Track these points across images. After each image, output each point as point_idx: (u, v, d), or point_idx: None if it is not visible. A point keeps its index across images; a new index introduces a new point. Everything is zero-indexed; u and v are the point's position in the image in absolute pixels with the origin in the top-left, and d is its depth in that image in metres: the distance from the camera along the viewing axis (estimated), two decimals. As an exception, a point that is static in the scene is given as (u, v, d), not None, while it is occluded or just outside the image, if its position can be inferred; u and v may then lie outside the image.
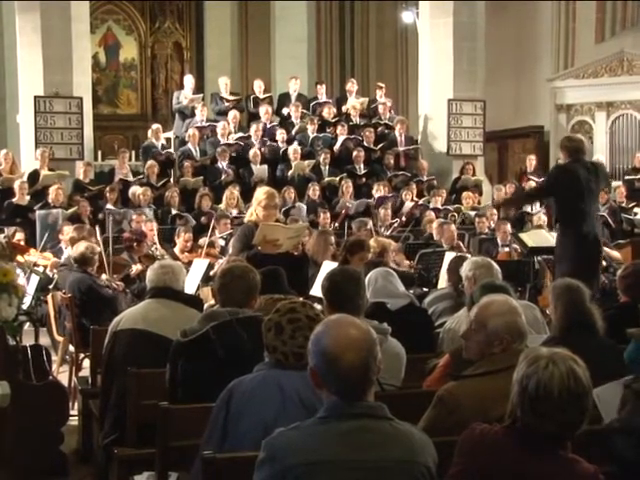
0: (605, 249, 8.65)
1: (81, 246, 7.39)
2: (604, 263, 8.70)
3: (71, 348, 7.11)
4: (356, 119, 14.74)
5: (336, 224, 11.77)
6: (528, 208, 13.11)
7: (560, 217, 7.56)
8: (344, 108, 14.93)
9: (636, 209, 12.72)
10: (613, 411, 3.40)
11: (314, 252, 7.58)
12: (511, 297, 3.89)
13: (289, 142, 13.76)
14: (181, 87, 15.23)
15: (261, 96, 14.65)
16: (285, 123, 14.42)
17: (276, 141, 13.86)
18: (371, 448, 2.49)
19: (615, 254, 9.70)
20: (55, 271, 8.72)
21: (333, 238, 8.10)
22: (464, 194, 13.42)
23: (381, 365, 2.58)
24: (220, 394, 3.18)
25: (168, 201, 12.14)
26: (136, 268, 8.42)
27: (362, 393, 2.53)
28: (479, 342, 3.39)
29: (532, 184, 13.05)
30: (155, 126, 14.15)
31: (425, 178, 13.92)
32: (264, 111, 14.12)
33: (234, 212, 11.58)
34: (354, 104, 14.79)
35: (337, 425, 2.50)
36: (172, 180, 13.18)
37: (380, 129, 14.61)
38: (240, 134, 13.87)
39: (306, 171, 13.24)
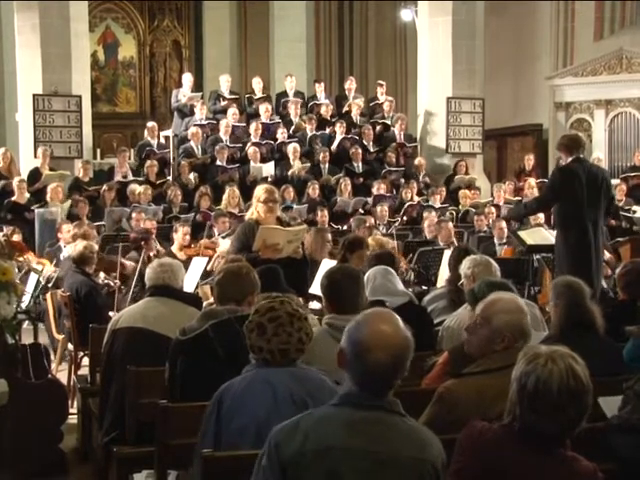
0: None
1: (80, 245, 7.39)
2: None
3: (70, 346, 7.11)
4: (357, 118, 14.73)
5: (343, 227, 11.74)
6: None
7: (560, 221, 7.54)
8: (346, 106, 14.90)
9: (635, 207, 12.71)
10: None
11: (311, 250, 7.58)
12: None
13: (289, 140, 13.77)
14: (180, 85, 15.21)
15: (257, 95, 14.63)
16: (284, 121, 14.41)
17: (276, 139, 13.86)
18: (381, 440, 2.49)
19: (607, 255, 9.66)
20: (53, 274, 8.65)
21: (330, 235, 8.10)
22: (460, 192, 13.40)
23: (406, 372, 2.59)
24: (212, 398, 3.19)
25: (170, 199, 12.13)
26: (129, 264, 8.40)
27: (384, 390, 2.55)
28: (482, 337, 3.39)
29: (531, 182, 13.03)
30: (150, 124, 14.12)
31: (423, 176, 13.91)
32: (264, 109, 14.11)
33: (234, 212, 11.56)
34: (358, 102, 14.78)
35: (349, 413, 2.52)
36: (171, 179, 13.16)
37: (379, 128, 14.59)
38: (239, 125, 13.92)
39: (302, 173, 13.22)
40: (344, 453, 2.46)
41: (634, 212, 12.53)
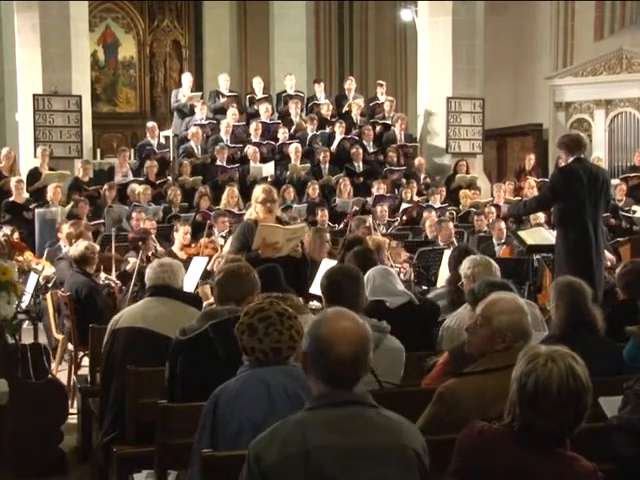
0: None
1: (81, 245, 7.38)
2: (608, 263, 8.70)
3: (70, 346, 7.11)
4: (357, 117, 14.73)
5: (341, 226, 11.74)
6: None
7: (560, 220, 7.53)
8: (346, 106, 14.89)
9: (635, 207, 12.71)
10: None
11: (310, 250, 7.58)
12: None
13: (290, 139, 13.77)
14: (180, 85, 15.22)
15: (259, 95, 14.63)
16: (285, 121, 14.41)
17: (277, 139, 13.86)
18: (360, 434, 2.50)
19: (609, 255, 9.67)
20: (51, 274, 8.65)
21: (328, 235, 8.12)
22: (461, 192, 13.41)
23: (372, 364, 2.63)
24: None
25: (170, 199, 12.13)
26: (132, 262, 8.40)
27: (349, 384, 2.56)
28: (482, 337, 3.40)
29: (531, 182, 13.03)
30: (150, 124, 14.13)
31: (424, 177, 13.92)
32: (264, 109, 14.12)
33: (234, 211, 11.56)
34: (358, 102, 14.78)
35: (325, 413, 2.52)
36: (170, 179, 13.17)
37: (379, 128, 14.58)
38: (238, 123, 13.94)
39: (302, 174, 13.22)
40: (325, 453, 2.45)
41: (634, 212, 12.53)
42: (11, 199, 11.67)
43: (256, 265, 4.87)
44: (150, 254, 8.60)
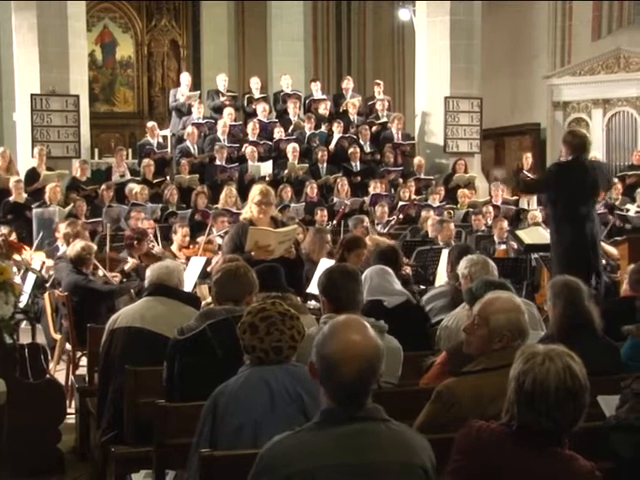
0: (603, 245, 8.65)
1: (77, 246, 7.38)
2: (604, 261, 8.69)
3: (68, 346, 7.11)
4: (354, 117, 14.73)
5: (334, 222, 11.76)
6: (525, 205, 13.13)
7: (553, 216, 7.54)
8: (343, 105, 14.89)
9: (628, 205, 12.72)
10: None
11: (310, 250, 7.58)
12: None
13: (287, 139, 13.76)
14: (177, 85, 15.22)
15: (257, 95, 14.63)
16: (283, 120, 14.41)
17: (274, 138, 13.86)
18: (369, 451, 2.46)
19: (612, 250, 9.69)
20: (51, 272, 8.68)
21: (329, 236, 8.10)
22: (459, 192, 13.43)
23: (382, 374, 2.56)
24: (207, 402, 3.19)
25: (167, 199, 12.13)
26: (132, 261, 8.40)
27: (359, 401, 2.50)
28: (480, 337, 3.40)
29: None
30: (150, 124, 14.15)
31: (422, 176, 13.93)
32: (261, 109, 14.12)
33: (232, 210, 11.55)
34: (353, 102, 14.78)
35: (334, 429, 2.47)
36: (168, 178, 13.17)
37: (375, 128, 14.57)
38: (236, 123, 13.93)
39: (300, 173, 13.22)
40: (332, 471, 2.42)
41: (627, 210, 12.54)
42: (11, 199, 11.66)
43: (251, 266, 4.87)
44: (140, 255, 8.62)
